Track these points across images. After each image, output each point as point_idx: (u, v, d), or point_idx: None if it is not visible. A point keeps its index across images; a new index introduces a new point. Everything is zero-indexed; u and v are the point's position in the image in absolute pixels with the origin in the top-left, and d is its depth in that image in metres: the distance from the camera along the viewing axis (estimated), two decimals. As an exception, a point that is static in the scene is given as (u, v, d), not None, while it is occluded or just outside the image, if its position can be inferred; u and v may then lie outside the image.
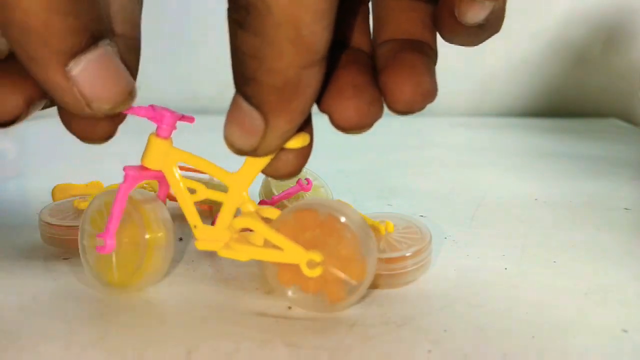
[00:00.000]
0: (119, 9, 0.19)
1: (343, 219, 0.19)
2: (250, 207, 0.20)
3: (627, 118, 0.77)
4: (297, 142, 0.19)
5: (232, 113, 0.17)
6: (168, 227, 0.21)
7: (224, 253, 0.20)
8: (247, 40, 0.15)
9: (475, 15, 0.17)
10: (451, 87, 0.84)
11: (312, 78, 0.16)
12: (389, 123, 0.75)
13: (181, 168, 0.34)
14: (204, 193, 0.21)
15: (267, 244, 0.20)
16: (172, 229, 0.21)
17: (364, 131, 0.19)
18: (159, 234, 0.21)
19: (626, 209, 0.34)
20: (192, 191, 0.21)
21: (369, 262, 0.19)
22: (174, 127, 0.20)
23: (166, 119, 0.20)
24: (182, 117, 0.21)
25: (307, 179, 0.30)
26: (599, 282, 0.23)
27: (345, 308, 0.20)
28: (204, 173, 0.21)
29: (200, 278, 0.23)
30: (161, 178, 0.21)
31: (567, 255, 0.26)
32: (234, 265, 0.25)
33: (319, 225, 0.20)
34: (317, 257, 0.19)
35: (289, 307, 0.21)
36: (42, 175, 0.33)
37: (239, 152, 0.18)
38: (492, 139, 0.64)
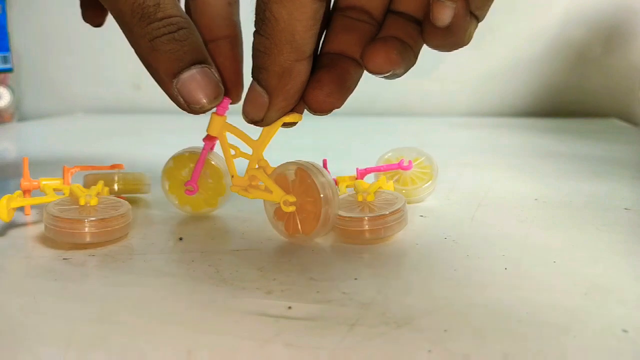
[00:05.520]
0: (219, 15, 0.29)
1: (316, 183, 0.25)
2: (263, 164, 0.28)
3: (627, 118, 0.77)
4: (291, 119, 0.26)
5: (248, 93, 0.25)
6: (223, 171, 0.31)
7: (242, 194, 0.28)
8: (261, 41, 0.22)
9: (444, 15, 0.22)
10: (451, 87, 0.84)
11: (302, 69, 0.23)
12: (389, 123, 0.75)
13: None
14: (239, 154, 0.28)
15: (267, 189, 0.27)
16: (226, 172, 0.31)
17: (325, 114, 0.25)
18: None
19: (626, 209, 0.34)
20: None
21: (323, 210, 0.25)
22: (227, 108, 0.28)
23: (222, 103, 0.27)
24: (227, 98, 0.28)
25: (409, 161, 0.34)
26: (599, 282, 0.23)
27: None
28: (241, 139, 0.28)
29: (200, 278, 0.23)
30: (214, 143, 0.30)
31: (567, 255, 0.26)
32: (234, 265, 0.25)
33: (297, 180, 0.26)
34: (291, 198, 0.26)
35: (289, 307, 0.21)
36: (41, 175, 0.33)
37: (251, 121, 0.26)
38: (492, 139, 0.64)
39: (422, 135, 0.66)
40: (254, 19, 0.23)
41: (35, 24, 0.87)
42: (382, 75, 0.24)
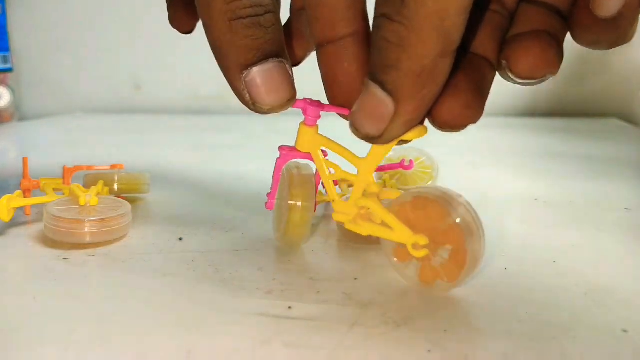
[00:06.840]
0: (342, 4, 0.21)
1: (453, 216, 0.20)
2: (374, 189, 0.22)
3: (627, 118, 0.77)
4: (416, 134, 0.20)
5: (364, 100, 0.19)
6: (308, 197, 0.24)
7: (350, 226, 0.22)
8: (394, 29, 0.17)
9: (611, 3, 0.18)
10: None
11: (445, 67, 0.18)
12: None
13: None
14: (340, 174, 0.24)
15: (385, 224, 0.22)
16: (313, 197, 0.24)
17: (458, 130, 0.20)
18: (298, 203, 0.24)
19: (626, 209, 0.34)
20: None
21: (469, 257, 0.20)
22: (319, 117, 0.23)
23: (310, 111, 0.23)
24: (323, 107, 0.23)
25: (410, 160, 0.33)
26: (599, 282, 0.23)
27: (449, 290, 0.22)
28: (342, 156, 0.23)
29: (200, 278, 0.23)
30: (309, 158, 0.24)
31: (567, 255, 0.26)
32: (234, 265, 0.25)
33: (432, 214, 0.21)
34: (422, 240, 0.21)
35: (289, 307, 0.21)
36: (41, 175, 0.33)
37: (365, 137, 0.20)
38: (492, 139, 0.64)
39: (422, 135, 0.66)
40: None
41: (35, 24, 0.87)
42: (528, 82, 0.20)
